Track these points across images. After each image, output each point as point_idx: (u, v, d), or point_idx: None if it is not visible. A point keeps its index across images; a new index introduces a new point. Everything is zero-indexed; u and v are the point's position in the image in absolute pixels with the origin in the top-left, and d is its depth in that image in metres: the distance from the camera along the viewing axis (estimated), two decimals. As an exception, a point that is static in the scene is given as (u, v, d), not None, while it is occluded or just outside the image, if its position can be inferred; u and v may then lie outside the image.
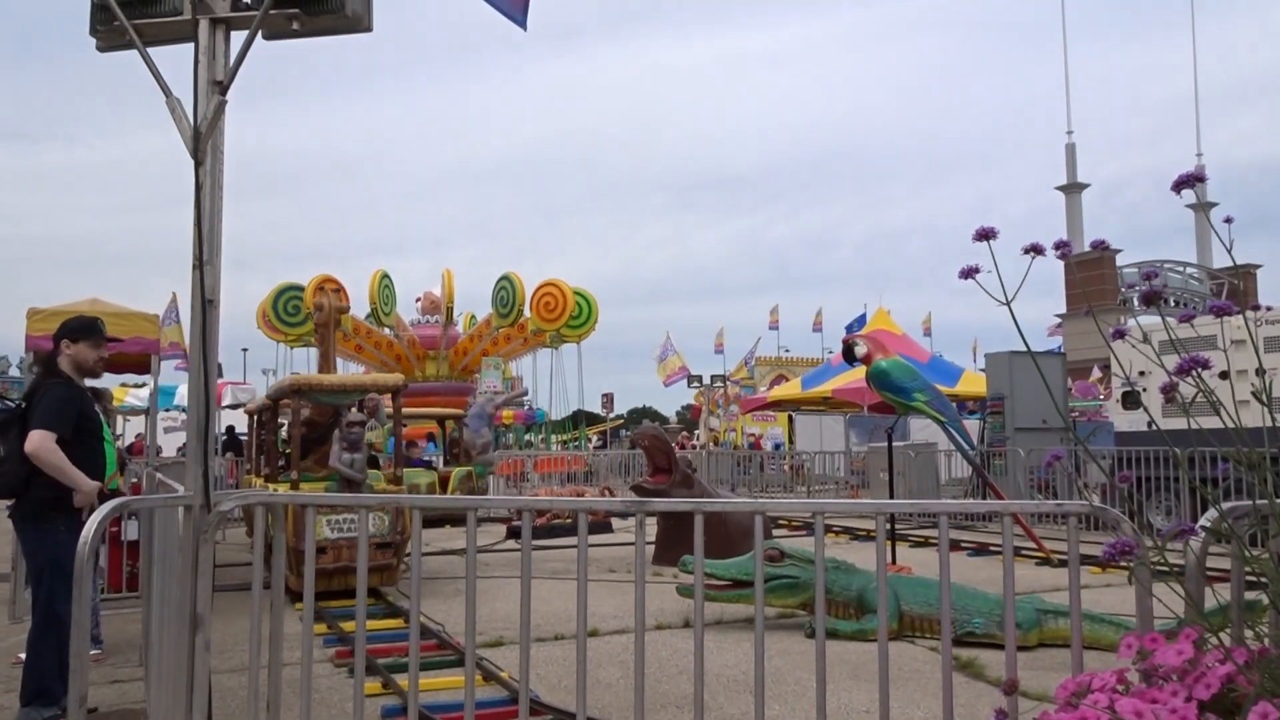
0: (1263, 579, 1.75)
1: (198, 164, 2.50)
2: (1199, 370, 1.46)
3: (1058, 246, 1.51)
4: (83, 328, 4.83)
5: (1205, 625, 1.65)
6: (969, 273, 1.52)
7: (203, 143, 2.49)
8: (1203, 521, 1.82)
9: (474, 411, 15.52)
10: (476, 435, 15.20)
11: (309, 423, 9.06)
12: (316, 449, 9.04)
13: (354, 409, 8.64)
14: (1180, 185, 1.47)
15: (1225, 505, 1.73)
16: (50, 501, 4.49)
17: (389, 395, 9.11)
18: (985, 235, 1.50)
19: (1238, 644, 1.76)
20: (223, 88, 2.54)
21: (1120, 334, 1.59)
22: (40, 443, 4.46)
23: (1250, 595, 2.00)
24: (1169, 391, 1.81)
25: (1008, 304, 1.51)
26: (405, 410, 20.71)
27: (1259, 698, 1.43)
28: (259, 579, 2.54)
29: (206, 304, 2.46)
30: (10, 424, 4.76)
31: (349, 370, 29.88)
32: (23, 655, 5.89)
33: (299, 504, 2.42)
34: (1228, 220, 1.59)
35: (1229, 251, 1.58)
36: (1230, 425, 1.67)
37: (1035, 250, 1.50)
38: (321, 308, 10.11)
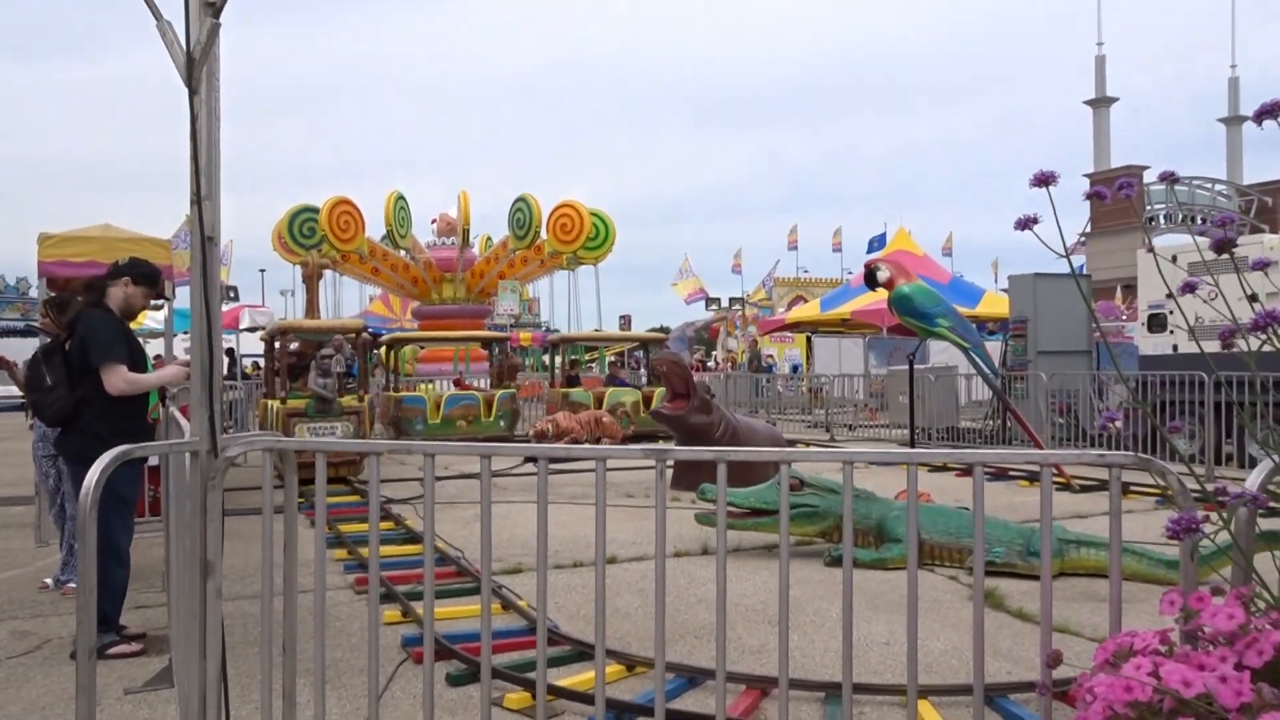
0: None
1: (192, 93, 2.36)
2: (1265, 271, 1.34)
3: (1121, 187, 1.38)
4: (149, 276, 4.97)
5: (1257, 581, 1.56)
6: (1026, 223, 1.39)
7: (196, 70, 2.35)
8: (1257, 482, 1.72)
9: (674, 335, 16.06)
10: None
11: (299, 354, 11.68)
12: (304, 374, 11.32)
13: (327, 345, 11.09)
14: (1262, 116, 1.33)
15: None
16: (100, 436, 4.45)
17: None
18: (1044, 181, 1.37)
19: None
20: (216, 10, 2.39)
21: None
22: (116, 381, 4.53)
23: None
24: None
25: (1066, 256, 1.39)
26: (598, 336, 21.73)
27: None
28: (269, 510, 2.49)
29: (206, 241, 2.36)
30: (54, 352, 4.80)
31: (366, 291, 29.74)
32: (48, 580, 5.99)
33: (306, 450, 2.36)
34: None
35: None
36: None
37: (1099, 196, 1.37)
38: (307, 264, 13.34)
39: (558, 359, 18.34)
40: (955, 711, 3.66)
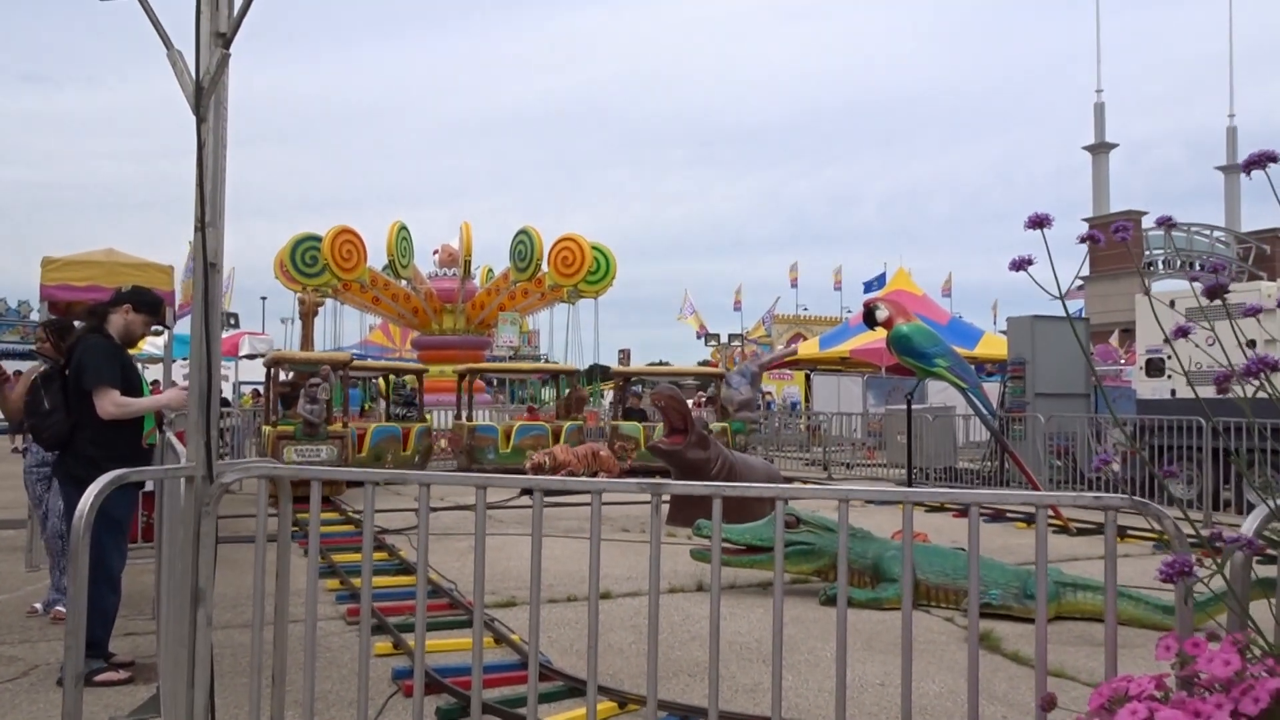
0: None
1: (200, 121, 2.39)
2: (1259, 318, 1.35)
3: (1117, 230, 1.39)
4: (151, 304, 4.97)
5: (1252, 627, 1.55)
6: (1021, 264, 1.41)
7: (205, 98, 2.38)
8: (1253, 527, 1.72)
9: (739, 368, 15.69)
10: (734, 392, 15.10)
11: (292, 384, 12.83)
12: (297, 401, 12.38)
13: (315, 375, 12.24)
14: (1250, 166, 1.35)
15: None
16: (94, 459, 4.45)
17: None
18: (1039, 223, 1.39)
19: (1284, 651, 1.66)
20: (226, 40, 2.42)
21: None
22: (106, 405, 4.53)
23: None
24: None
25: (1060, 299, 1.41)
26: (657, 371, 22.28)
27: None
28: (262, 537, 2.48)
29: (209, 268, 2.37)
30: (53, 378, 4.84)
31: (367, 320, 29.90)
32: (38, 605, 5.94)
33: (302, 477, 2.34)
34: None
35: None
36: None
37: (1093, 239, 1.38)
38: (303, 302, 16.46)
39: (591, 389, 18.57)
40: (950, 755, 3.62)
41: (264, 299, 46.23)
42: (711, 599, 2.30)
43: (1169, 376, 12.60)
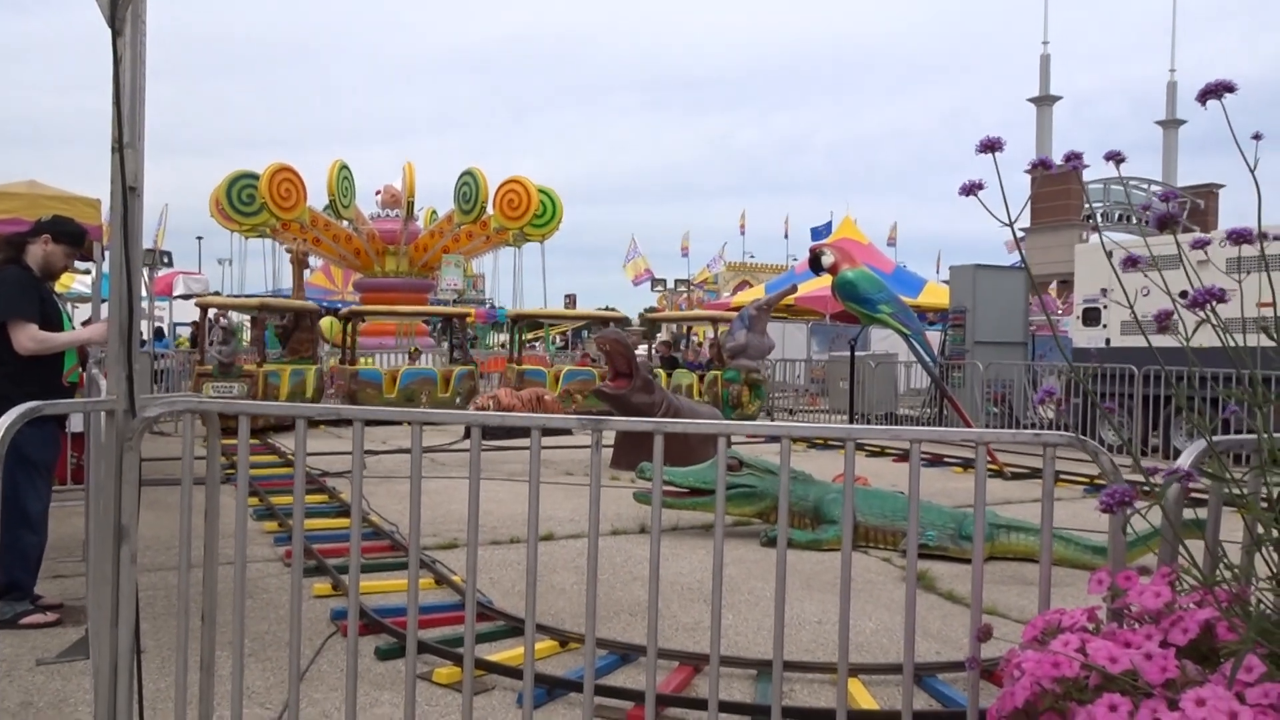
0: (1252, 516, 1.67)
1: (116, 34, 2.25)
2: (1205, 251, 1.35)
3: (1068, 159, 1.37)
4: (71, 234, 4.72)
5: (1186, 558, 1.57)
6: (971, 189, 1.38)
7: (120, 10, 2.24)
8: (1189, 461, 1.73)
9: (740, 313, 15.34)
10: (729, 338, 14.68)
11: (284, 327, 14.56)
12: (289, 339, 14.21)
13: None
14: (1206, 95, 1.33)
15: (1216, 438, 1.64)
16: (8, 396, 4.27)
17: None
18: (991, 147, 1.35)
19: (1211, 584, 1.69)
20: (144, -53, 2.27)
21: (1133, 261, 1.46)
22: (23, 339, 4.34)
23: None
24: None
25: (1010, 225, 1.38)
26: (687, 315, 22.97)
27: (1247, 648, 1.36)
28: (188, 473, 2.40)
29: (128, 191, 2.25)
30: None
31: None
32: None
33: (228, 413, 2.25)
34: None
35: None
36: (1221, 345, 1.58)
37: (1043, 165, 1.36)
38: (291, 252, 17.78)
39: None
40: (884, 690, 3.69)
41: (200, 239, 45.06)
42: (652, 536, 2.28)
43: (1104, 326, 12.88)
